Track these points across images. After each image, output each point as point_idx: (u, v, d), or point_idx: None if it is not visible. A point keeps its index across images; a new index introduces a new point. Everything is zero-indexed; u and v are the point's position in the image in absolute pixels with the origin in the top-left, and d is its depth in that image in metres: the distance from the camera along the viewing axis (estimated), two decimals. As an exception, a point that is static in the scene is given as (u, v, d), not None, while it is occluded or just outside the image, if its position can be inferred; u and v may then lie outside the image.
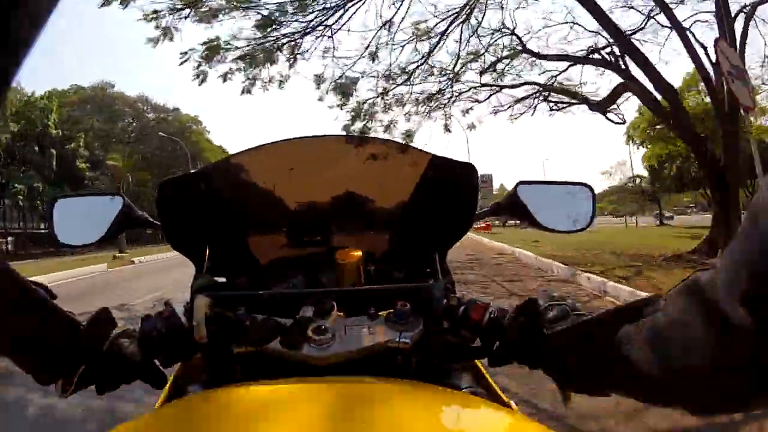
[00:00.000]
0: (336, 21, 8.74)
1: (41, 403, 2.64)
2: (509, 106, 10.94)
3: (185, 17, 8.13)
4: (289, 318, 0.55)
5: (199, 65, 8.70)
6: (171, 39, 8.22)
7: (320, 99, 9.95)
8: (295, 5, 8.42)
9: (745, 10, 8.16)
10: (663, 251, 8.83)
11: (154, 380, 0.58)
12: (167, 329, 0.56)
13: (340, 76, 9.59)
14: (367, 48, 9.33)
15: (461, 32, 9.60)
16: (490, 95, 10.69)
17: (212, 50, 8.60)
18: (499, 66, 10.16)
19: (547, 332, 0.49)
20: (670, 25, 8.44)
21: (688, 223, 28.02)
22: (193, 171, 0.63)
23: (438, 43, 9.62)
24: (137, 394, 2.02)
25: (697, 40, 8.08)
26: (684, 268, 6.30)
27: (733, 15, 7.85)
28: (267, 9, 8.38)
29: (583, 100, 10.29)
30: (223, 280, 0.67)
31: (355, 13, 8.95)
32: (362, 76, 9.74)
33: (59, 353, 0.48)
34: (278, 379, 0.53)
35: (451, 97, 10.50)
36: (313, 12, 8.55)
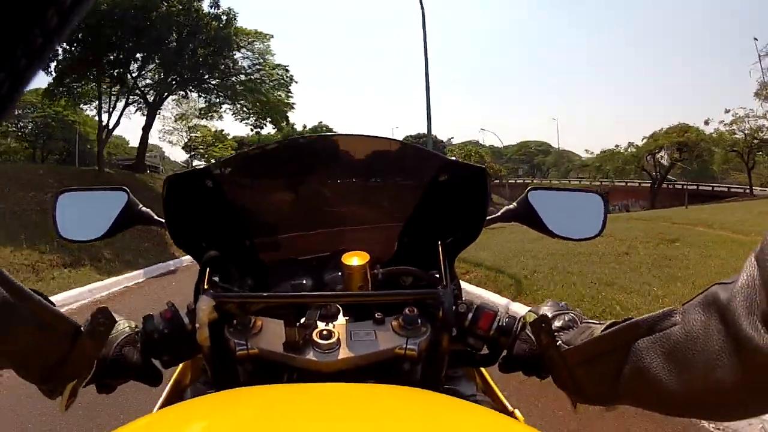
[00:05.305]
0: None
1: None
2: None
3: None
4: (294, 320, 0.54)
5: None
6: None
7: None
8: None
9: None
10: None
11: (151, 379, 0.57)
12: (169, 330, 0.55)
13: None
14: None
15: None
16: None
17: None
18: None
19: (561, 350, 0.48)
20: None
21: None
22: (200, 167, 0.62)
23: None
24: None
25: None
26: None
27: None
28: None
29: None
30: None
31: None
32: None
33: (61, 363, 0.47)
34: (280, 383, 0.52)
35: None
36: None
